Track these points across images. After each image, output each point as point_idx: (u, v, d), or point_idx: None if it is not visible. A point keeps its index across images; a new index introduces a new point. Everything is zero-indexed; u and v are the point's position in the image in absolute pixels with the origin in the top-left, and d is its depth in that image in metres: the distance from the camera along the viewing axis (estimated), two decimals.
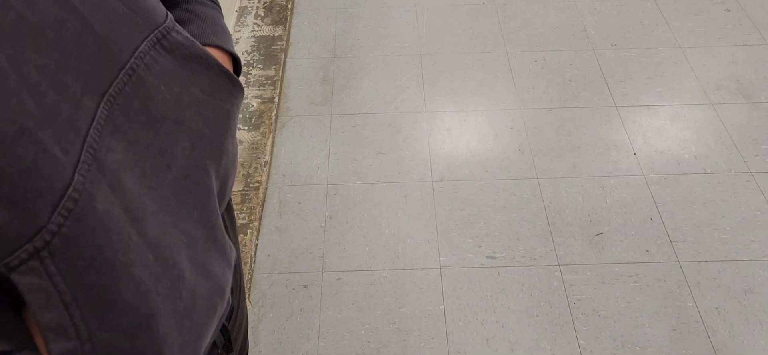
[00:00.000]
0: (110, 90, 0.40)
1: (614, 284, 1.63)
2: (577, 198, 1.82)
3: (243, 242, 1.68)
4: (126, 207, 0.41)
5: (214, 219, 0.51)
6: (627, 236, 1.73)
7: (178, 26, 0.48)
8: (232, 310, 0.68)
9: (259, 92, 2.10)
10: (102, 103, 0.40)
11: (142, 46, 0.44)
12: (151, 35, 0.45)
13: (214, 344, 0.62)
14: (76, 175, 0.37)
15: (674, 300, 1.59)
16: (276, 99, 2.08)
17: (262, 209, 1.80)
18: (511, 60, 2.27)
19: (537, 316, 1.57)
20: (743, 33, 2.36)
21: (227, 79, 0.52)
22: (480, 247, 1.71)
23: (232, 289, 0.67)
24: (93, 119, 0.39)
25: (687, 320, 1.55)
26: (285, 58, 2.28)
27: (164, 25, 0.46)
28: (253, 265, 1.68)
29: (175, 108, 0.46)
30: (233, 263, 0.58)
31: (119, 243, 0.40)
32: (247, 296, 1.61)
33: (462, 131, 2.02)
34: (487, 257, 1.69)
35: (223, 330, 0.63)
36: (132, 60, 0.42)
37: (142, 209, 0.42)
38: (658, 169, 1.90)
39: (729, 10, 2.46)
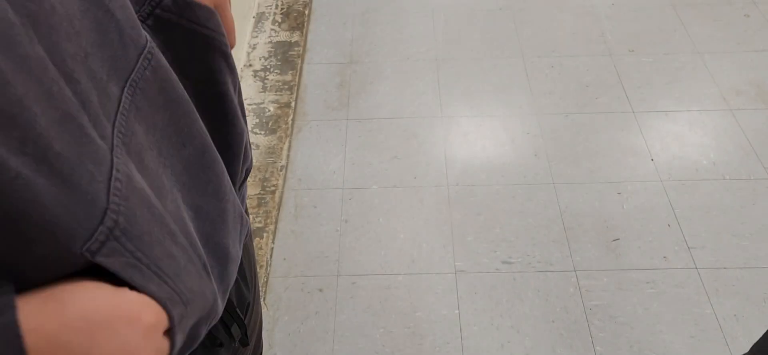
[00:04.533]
0: (132, 75, 0.42)
1: (631, 290, 1.61)
2: (593, 204, 1.81)
3: (259, 246, 1.70)
4: (151, 185, 0.43)
5: (226, 194, 0.53)
6: (644, 241, 1.71)
7: (163, 5, 0.49)
8: (248, 304, 0.68)
9: (275, 97, 2.11)
10: (126, 89, 0.41)
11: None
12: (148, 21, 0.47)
13: (230, 336, 0.63)
14: (114, 158, 0.38)
15: (692, 307, 1.58)
16: (293, 104, 2.10)
17: (278, 213, 1.81)
18: (528, 65, 2.27)
19: (553, 321, 1.56)
20: (763, 38, 2.33)
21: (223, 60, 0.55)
22: (496, 252, 1.71)
23: (247, 284, 0.68)
24: (119, 105, 0.40)
25: (705, 327, 1.54)
26: (302, 63, 2.30)
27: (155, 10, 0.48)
28: (268, 268, 1.68)
29: (185, 86, 0.48)
30: (243, 238, 0.60)
31: (159, 216, 0.42)
32: (262, 298, 1.62)
33: (478, 136, 2.02)
34: (503, 262, 1.68)
35: (240, 323, 0.64)
36: (148, 44, 0.43)
37: (162, 187, 0.44)
38: (676, 175, 1.88)
39: (748, 16, 2.44)
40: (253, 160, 1.91)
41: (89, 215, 0.36)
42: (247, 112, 2.02)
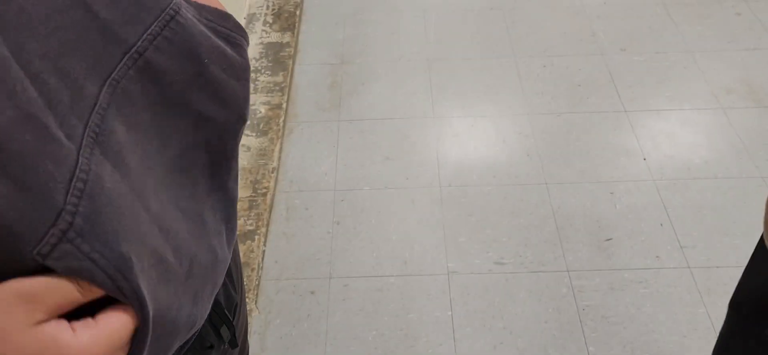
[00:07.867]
0: (113, 74, 0.41)
1: (624, 290, 1.61)
2: (586, 203, 1.81)
3: (250, 248, 1.69)
4: (131, 186, 0.42)
5: (210, 195, 0.53)
6: (637, 241, 1.71)
7: (184, 5, 0.48)
8: (235, 305, 0.68)
9: (267, 98, 2.10)
10: (104, 88, 0.41)
11: (152, 28, 0.45)
12: (162, 15, 0.45)
13: (220, 338, 0.62)
14: (80, 158, 0.38)
15: (685, 307, 1.58)
16: (284, 105, 2.09)
17: (269, 215, 1.80)
18: (519, 65, 2.27)
19: (545, 322, 1.56)
20: (754, 37, 2.34)
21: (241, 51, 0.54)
22: (488, 253, 1.70)
23: (234, 284, 0.68)
24: (95, 104, 0.40)
25: (698, 326, 1.54)
26: (293, 64, 2.29)
27: (172, 5, 0.47)
28: (260, 271, 1.67)
29: (184, 89, 0.47)
30: (230, 238, 0.59)
31: (133, 217, 0.41)
32: (254, 301, 1.61)
33: (470, 137, 2.02)
34: (495, 263, 1.68)
35: (229, 324, 0.63)
36: (139, 43, 0.43)
37: (145, 188, 0.44)
38: (668, 174, 1.88)
39: (740, 14, 2.44)
40: (244, 163, 1.90)
41: (42, 218, 0.36)
42: None
